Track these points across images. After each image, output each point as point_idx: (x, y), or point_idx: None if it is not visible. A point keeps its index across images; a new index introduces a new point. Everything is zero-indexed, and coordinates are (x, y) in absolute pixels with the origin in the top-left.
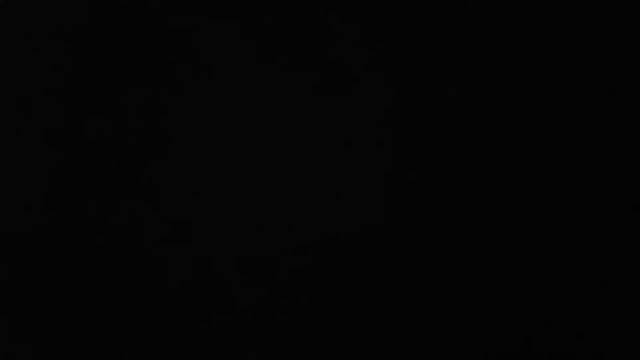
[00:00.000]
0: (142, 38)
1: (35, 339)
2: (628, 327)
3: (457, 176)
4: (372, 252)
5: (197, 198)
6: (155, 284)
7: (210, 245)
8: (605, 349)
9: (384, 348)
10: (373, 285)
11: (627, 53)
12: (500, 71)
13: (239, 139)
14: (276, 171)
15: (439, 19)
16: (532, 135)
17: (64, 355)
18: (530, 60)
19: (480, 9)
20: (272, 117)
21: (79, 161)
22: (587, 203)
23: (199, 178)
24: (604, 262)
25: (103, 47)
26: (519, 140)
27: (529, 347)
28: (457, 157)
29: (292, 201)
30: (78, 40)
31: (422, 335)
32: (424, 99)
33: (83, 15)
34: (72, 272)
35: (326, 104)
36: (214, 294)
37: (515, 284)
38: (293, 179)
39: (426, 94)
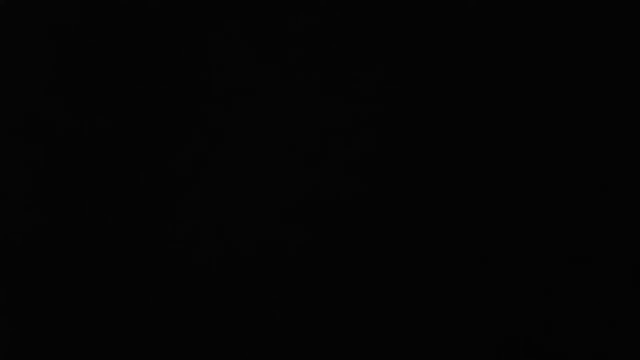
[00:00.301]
0: (142, 38)
1: (35, 339)
2: (628, 327)
3: (456, 174)
4: (375, 253)
5: (197, 197)
6: (155, 284)
7: (210, 244)
8: (605, 349)
9: (383, 347)
10: (373, 286)
11: (627, 53)
12: (500, 71)
13: (238, 138)
14: (275, 169)
15: (439, 18)
16: (531, 133)
17: (64, 355)
18: (530, 60)
19: (480, 9)
20: (272, 117)
21: (79, 161)
22: (586, 202)
23: (198, 177)
24: (604, 262)
25: (103, 47)
26: (518, 139)
27: (529, 347)
28: (456, 155)
29: (291, 200)
30: (78, 40)
31: (421, 333)
32: (424, 98)
33: (83, 15)
34: (72, 272)
35: (326, 104)
36: (212, 294)
37: (513, 282)
38: (292, 177)
39: (426, 94)
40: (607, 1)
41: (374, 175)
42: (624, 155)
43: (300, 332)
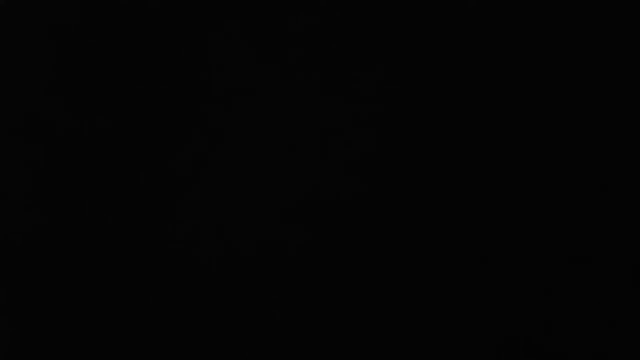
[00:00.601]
0: (142, 38)
1: (35, 339)
2: (628, 327)
3: (456, 174)
4: (375, 252)
5: (197, 197)
6: (155, 284)
7: (210, 244)
8: (605, 349)
9: (383, 347)
10: (373, 286)
11: (627, 53)
12: (500, 71)
13: (238, 138)
14: (275, 169)
15: (439, 18)
16: (531, 133)
17: (64, 355)
18: (530, 60)
19: (480, 9)
20: (272, 117)
21: (79, 161)
22: (586, 202)
23: (198, 177)
24: (604, 262)
25: (103, 47)
26: (518, 139)
27: (529, 347)
28: (456, 155)
29: (291, 200)
30: (78, 40)
31: (421, 333)
32: (424, 98)
33: (83, 15)
34: (72, 272)
35: (326, 104)
36: (212, 294)
37: (513, 282)
38: (292, 177)
39: (426, 94)
40: (607, 1)
41: (374, 175)
42: (624, 155)
43: (300, 332)
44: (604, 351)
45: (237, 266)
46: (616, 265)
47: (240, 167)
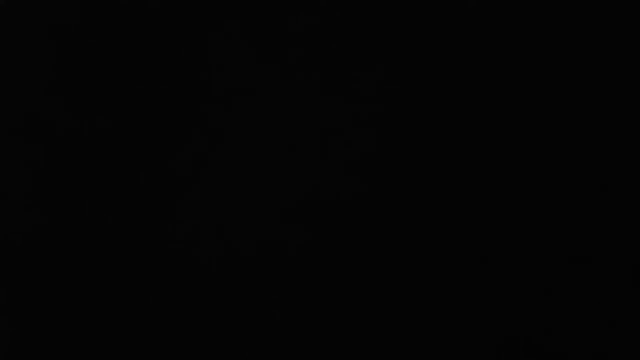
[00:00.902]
0: (142, 38)
1: (35, 339)
2: (628, 327)
3: (456, 174)
4: (375, 252)
5: (197, 197)
6: (155, 284)
7: (210, 244)
8: (605, 349)
9: (383, 347)
10: (373, 286)
11: (627, 53)
12: (500, 71)
13: (238, 138)
14: (275, 169)
15: (439, 18)
16: (531, 133)
17: (64, 355)
18: (530, 60)
19: (480, 9)
20: (272, 117)
21: (79, 161)
22: (586, 202)
23: (198, 177)
24: (604, 262)
25: (103, 47)
26: (518, 139)
27: (529, 347)
28: (456, 155)
29: (291, 200)
30: (78, 40)
31: (421, 333)
32: (424, 98)
33: (83, 15)
34: (72, 272)
35: (326, 104)
36: (212, 294)
37: (513, 282)
38: (292, 177)
39: (426, 94)
40: (607, 1)
41: (374, 175)
42: (624, 155)
43: (300, 332)
44: (604, 351)
45: (237, 266)
46: (616, 265)
47: (240, 167)
